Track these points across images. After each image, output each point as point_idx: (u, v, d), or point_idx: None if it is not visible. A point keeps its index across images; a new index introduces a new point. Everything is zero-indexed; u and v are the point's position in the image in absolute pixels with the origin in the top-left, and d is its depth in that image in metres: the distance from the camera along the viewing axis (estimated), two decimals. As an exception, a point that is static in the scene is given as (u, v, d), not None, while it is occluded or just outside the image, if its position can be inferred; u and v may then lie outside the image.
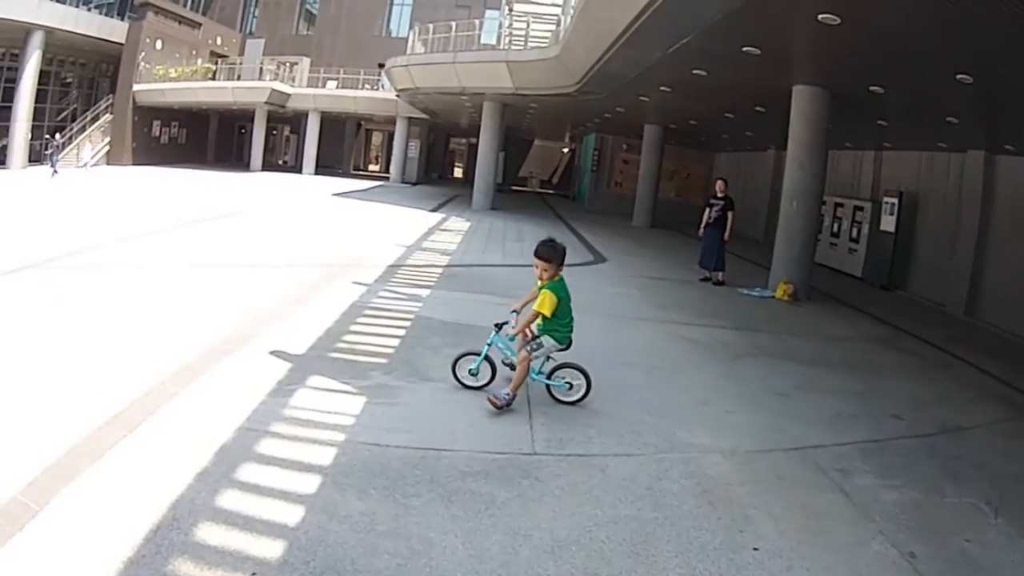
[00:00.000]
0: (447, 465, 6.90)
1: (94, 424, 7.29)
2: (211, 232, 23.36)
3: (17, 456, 6.57)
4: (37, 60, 55.14)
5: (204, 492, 6.12)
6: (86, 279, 15.06)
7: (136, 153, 61.11)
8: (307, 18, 77.08)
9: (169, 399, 8.09)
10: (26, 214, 27.52)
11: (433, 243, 23.40)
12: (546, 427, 7.95)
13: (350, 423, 7.76)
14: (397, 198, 42.28)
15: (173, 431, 7.30)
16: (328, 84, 62.86)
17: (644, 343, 12.33)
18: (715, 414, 8.81)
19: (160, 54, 62.41)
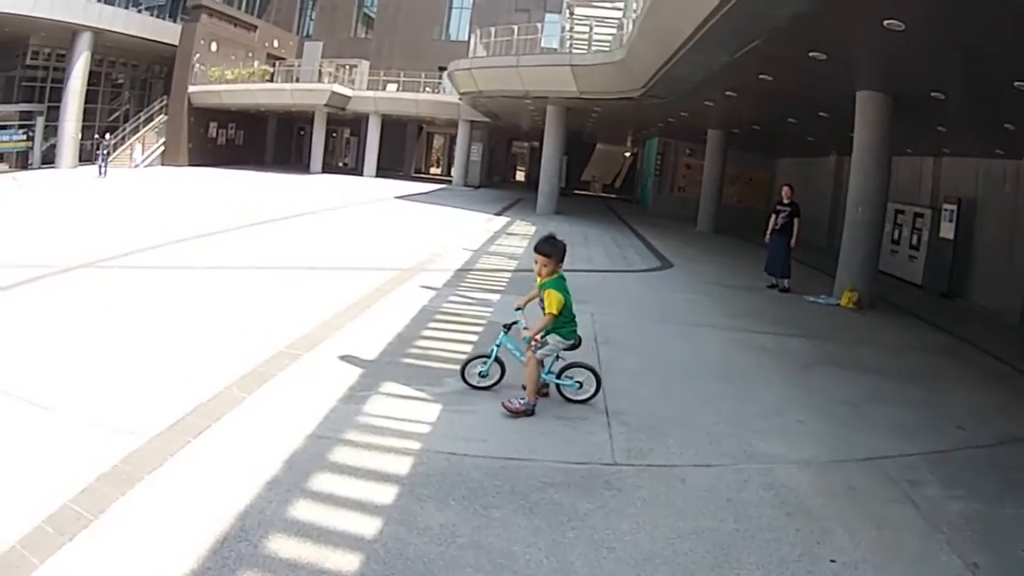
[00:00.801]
0: (527, 475, 6.82)
1: (156, 429, 7.30)
2: (276, 234, 23.65)
3: (72, 461, 6.54)
4: (85, 61, 55.74)
5: (274, 502, 6.08)
6: (145, 280, 15.30)
7: (192, 154, 61.86)
8: (365, 21, 77.31)
9: (236, 404, 8.12)
10: (81, 213, 27.85)
11: (500, 247, 23.52)
12: (625, 436, 7.86)
13: (426, 431, 7.70)
14: (460, 201, 42.24)
15: (240, 437, 7.32)
16: (388, 87, 62.67)
17: (717, 351, 12.29)
18: (789, 424, 8.77)
19: (215, 56, 62.96)
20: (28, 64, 58.27)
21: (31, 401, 7.87)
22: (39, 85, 59.00)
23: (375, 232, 25.82)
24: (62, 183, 42.87)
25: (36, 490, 6.02)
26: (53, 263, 16.27)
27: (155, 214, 28.12)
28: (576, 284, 16.66)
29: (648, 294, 17.31)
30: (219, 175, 53.12)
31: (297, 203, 35.02)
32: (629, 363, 10.82)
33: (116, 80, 67.20)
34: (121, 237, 20.94)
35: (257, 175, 55.64)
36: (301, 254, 19.83)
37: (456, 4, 72.28)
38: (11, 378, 8.52)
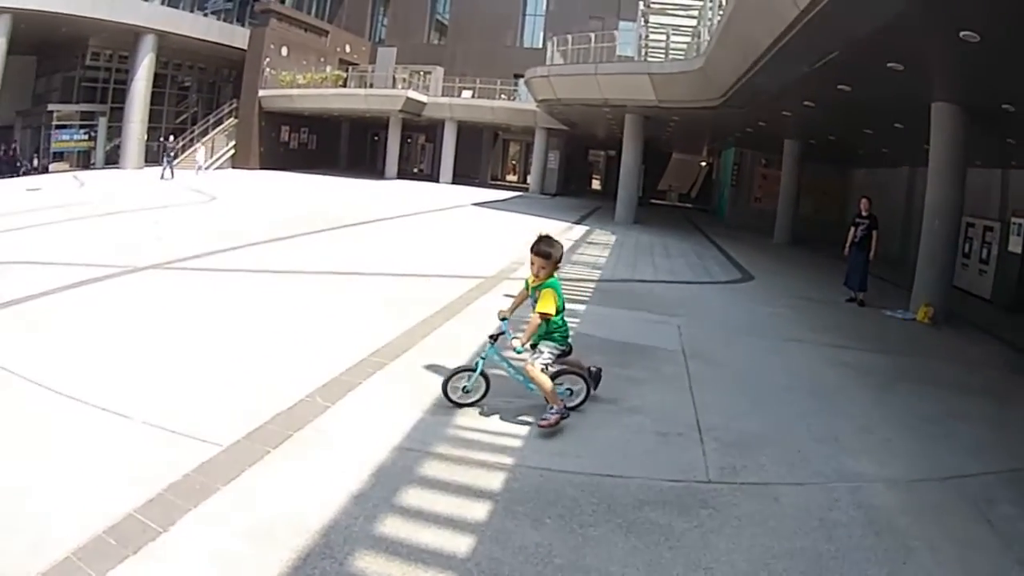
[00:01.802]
0: (623, 493, 6.73)
1: (233, 438, 7.34)
2: (355, 239, 23.84)
3: (141, 469, 6.55)
4: (150, 63, 56.77)
5: (361, 518, 6.01)
6: (222, 283, 15.48)
7: (263, 157, 62.80)
8: (438, 28, 77.69)
9: (318, 414, 8.13)
10: (153, 214, 28.01)
11: (582, 256, 23.49)
12: (719, 453, 7.83)
13: (518, 445, 7.65)
14: (538, 209, 42.33)
15: (323, 448, 7.29)
16: (463, 93, 62.84)
17: (802, 366, 12.32)
18: (876, 441, 8.75)
19: (286, 60, 63.65)
20: (88, 65, 59.22)
21: (101, 406, 7.97)
22: (101, 86, 60.39)
23: (455, 238, 25.98)
24: (128, 183, 43.33)
25: (100, 498, 6.05)
26: (124, 263, 16.65)
27: (227, 216, 28.59)
28: (661, 296, 16.97)
29: (732, 307, 17.34)
30: (293, 179, 53.90)
31: (374, 208, 35.34)
32: (718, 377, 10.85)
33: (183, 83, 68.91)
34: (193, 239, 21.46)
35: (331, 179, 56.09)
36: (382, 260, 19.86)
37: (529, 11, 72.58)
38: (85, 383, 8.65)
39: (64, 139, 58.39)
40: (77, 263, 16.72)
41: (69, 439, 7.18)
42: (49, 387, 8.52)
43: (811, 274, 25.26)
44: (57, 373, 9.01)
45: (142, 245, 19.48)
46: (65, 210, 28.42)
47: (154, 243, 20.22)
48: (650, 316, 14.83)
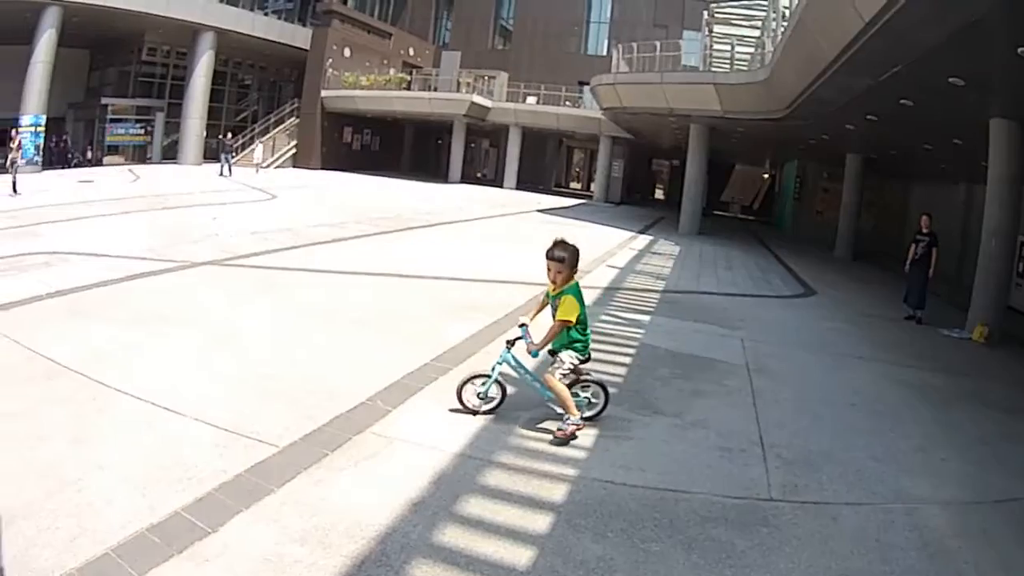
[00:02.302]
0: (686, 509, 6.74)
1: (290, 439, 7.44)
2: (421, 240, 24.17)
3: (193, 467, 6.67)
4: (209, 60, 57.24)
5: (420, 526, 6.01)
6: (284, 281, 15.85)
7: (326, 158, 63.32)
8: (502, 33, 77.79)
9: (379, 417, 8.21)
10: (212, 210, 28.83)
11: (646, 266, 23.59)
12: (781, 471, 7.84)
13: (582, 456, 7.64)
14: (602, 217, 42.17)
15: (382, 453, 7.32)
16: (528, 99, 62.76)
17: (863, 383, 12.23)
18: (932, 462, 8.71)
19: (349, 62, 64.06)
20: (145, 60, 59.81)
21: (153, 402, 8.18)
22: (158, 81, 61.12)
23: (519, 244, 25.95)
24: (186, 179, 44.18)
25: (146, 495, 6.16)
26: (182, 258, 17.25)
27: (288, 215, 29.32)
28: (725, 308, 17.10)
29: (794, 321, 17.33)
30: (355, 180, 54.16)
31: (438, 211, 35.69)
32: (782, 393, 10.87)
33: (243, 81, 69.60)
34: (252, 236, 21.93)
35: (394, 181, 56.38)
36: (445, 263, 20.04)
37: (594, 18, 72.27)
38: (137, 378, 8.90)
39: (119, 133, 59.27)
40: (132, 256, 17.35)
41: (119, 433, 7.36)
42: (101, 380, 8.78)
43: (871, 290, 25.12)
44: (109, 367, 9.29)
45: (200, 241, 20.04)
46: (120, 203, 29.09)
47: (212, 239, 20.87)
48: (714, 329, 14.90)
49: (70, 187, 36.00)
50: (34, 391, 8.40)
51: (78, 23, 49.17)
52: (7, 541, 5.39)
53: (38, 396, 8.24)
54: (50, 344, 10.18)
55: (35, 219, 23.74)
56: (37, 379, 8.82)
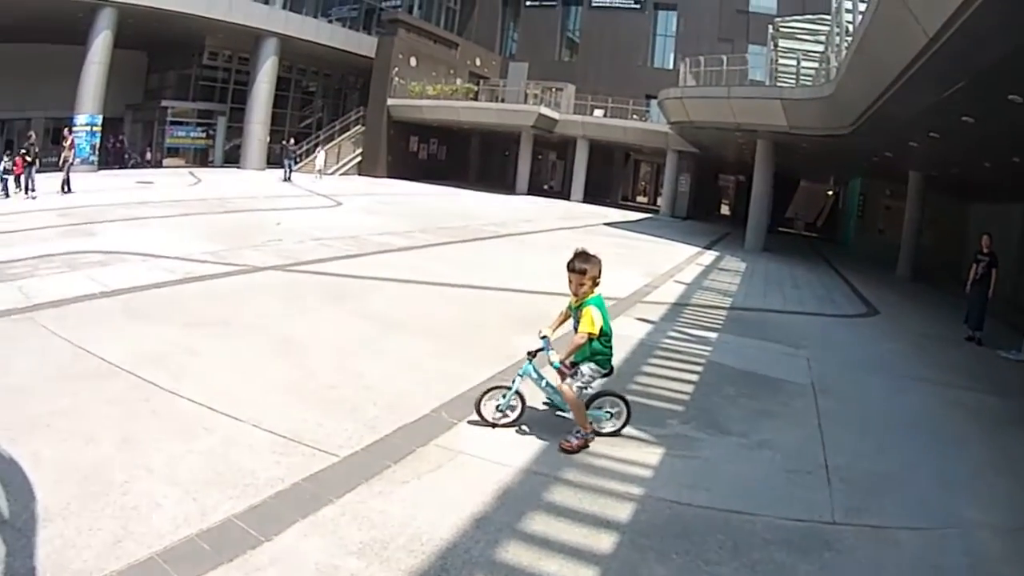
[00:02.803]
0: (750, 531, 6.66)
1: (352, 449, 7.46)
2: (487, 251, 24.28)
3: (249, 474, 6.67)
4: (272, 66, 57.31)
5: (482, 542, 5.95)
6: (347, 288, 15.85)
7: (391, 166, 63.23)
8: (569, 45, 77.53)
9: (444, 429, 8.19)
10: (282, 215, 28.92)
11: (713, 282, 23.54)
12: (844, 494, 7.72)
13: (648, 475, 7.56)
14: (669, 232, 41.98)
15: (446, 466, 7.28)
16: (595, 112, 62.36)
17: (923, 405, 12.17)
18: (987, 486, 8.65)
19: (415, 71, 63.93)
20: (206, 64, 60.31)
21: (210, 406, 8.23)
22: (220, 85, 61.50)
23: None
24: (248, 183, 45.14)
25: (199, 499, 6.18)
26: (244, 262, 17.52)
27: (352, 222, 29.32)
28: (790, 327, 17.16)
29: (858, 342, 17.29)
30: (420, 189, 54.29)
31: (505, 222, 35.82)
32: (845, 415, 10.76)
33: (307, 87, 69.74)
34: (316, 242, 21.96)
35: (460, 191, 56.35)
36: (512, 275, 19.89)
37: (660, 31, 71.90)
38: (196, 382, 8.96)
39: (179, 135, 59.72)
40: (192, 259, 17.58)
41: (172, 436, 7.40)
42: (154, 382, 8.86)
43: (932, 310, 25.02)
44: (164, 369, 9.37)
45: (263, 246, 20.24)
46: (180, 205, 29.52)
47: (276, 244, 21.02)
48: (780, 347, 14.87)
49: (128, 188, 36.32)
50: (83, 390, 8.49)
51: (134, 25, 49.60)
52: (42, 540, 5.43)
53: (87, 395, 8.34)
54: (102, 343, 10.28)
55: (91, 218, 24.07)
56: (87, 378, 8.92)
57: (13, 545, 5.33)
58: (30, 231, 21.14)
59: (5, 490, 6.12)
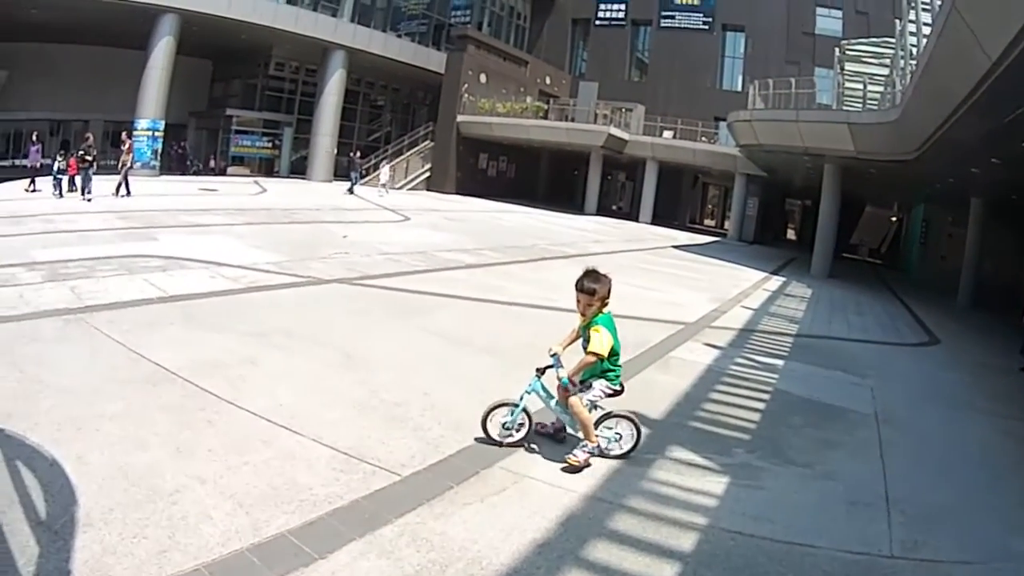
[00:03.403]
0: (811, 563, 6.57)
1: (414, 468, 7.38)
2: (554, 271, 24.38)
3: (306, 489, 6.61)
4: (340, 78, 57.84)
5: (543, 568, 5.86)
6: (412, 304, 15.88)
7: (460, 182, 63.21)
8: (638, 66, 77.53)
9: (508, 452, 8.08)
10: (348, 228, 29.15)
11: (780, 308, 23.47)
12: (903, 526, 7.60)
13: (713, 505, 7.44)
14: (736, 256, 41.91)
15: (510, 490, 7.18)
16: (664, 133, 62.30)
17: (981, 437, 12.07)
18: None
19: (485, 88, 63.98)
20: (272, 74, 61.16)
21: (269, 418, 8.23)
22: (286, 96, 62.57)
23: (658, 280, 25.85)
24: (313, 194, 45.48)
25: (252, 512, 6.12)
26: (308, 274, 17.55)
27: (420, 237, 29.43)
28: (855, 355, 17.19)
29: (919, 371, 17.17)
30: (489, 206, 54.10)
31: (574, 241, 36.09)
32: (906, 446, 10.68)
33: (375, 101, 70.67)
34: (383, 257, 22.08)
35: (529, 210, 56.09)
36: None
37: (728, 53, 71.86)
38: (255, 392, 8.98)
39: (245, 144, 60.83)
40: (256, 268, 17.80)
41: (227, 447, 7.39)
42: (212, 391, 8.89)
43: (992, 339, 24.99)
44: (223, 378, 9.41)
45: (329, 258, 20.62)
46: (245, 214, 29.96)
47: (342, 257, 21.09)
48: (845, 376, 14.71)
49: (191, 194, 36.66)
50: (136, 395, 8.53)
51: (198, 33, 50.17)
52: (80, 545, 5.38)
53: (140, 401, 8.36)
54: (158, 349, 10.33)
55: (151, 222, 24.46)
56: (141, 383, 8.95)
57: (47, 548, 5.34)
58: (87, 232, 21.28)
59: (44, 491, 6.13)
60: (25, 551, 5.24)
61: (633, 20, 77.43)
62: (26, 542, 5.36)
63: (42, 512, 5.77)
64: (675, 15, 74.10)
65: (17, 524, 5.57)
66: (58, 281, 14.24)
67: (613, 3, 78.17)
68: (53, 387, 8.48)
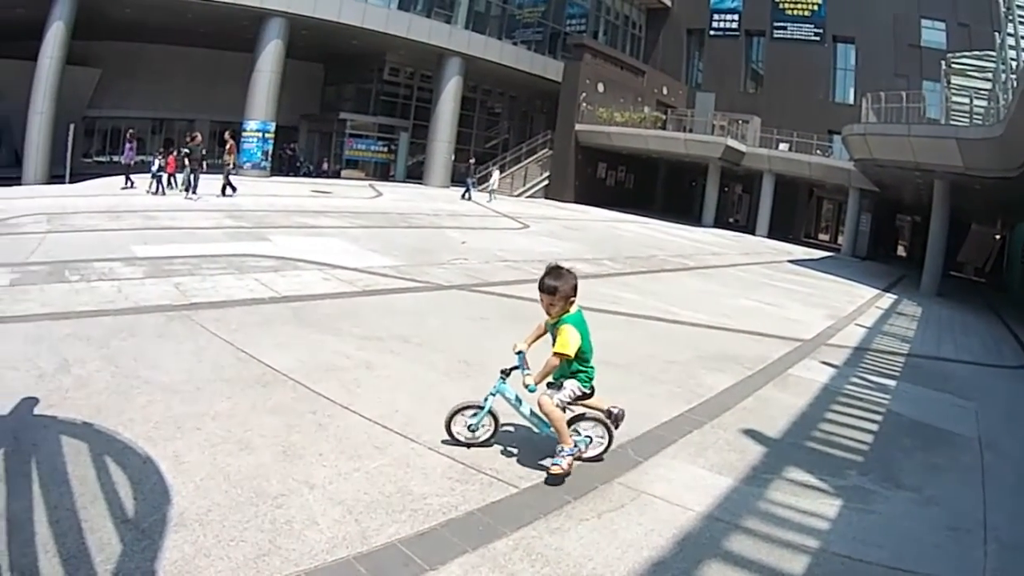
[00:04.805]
0: None
1: (529, 481, 7.36)
2: (672, 283, 24.75)
3: (417, 499, 6.58)
4: (456, 85, 58.61)
5: None
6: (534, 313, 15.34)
7: (578, 191, 63.12)
8: (753, 77, 76.96)
9: (628, 468, 8.05)
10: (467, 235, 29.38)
11: (892, 327, 23.21)
12: (995, 555, 7.40)
13: (825, 527, 7.31)
14: (849, 272, 41.76)
15: (628, 506, 7.10)
16: (780, 146, 61.86)
17: None
18: None
19: (602, 97, 63.78)
20: (387, 80, 61.95)
21: (383, 424, 8.29)
22: (401, 102, 63.33)
23: (775, 295, 25.82)
24: (429, 199, 46.07)
25: (361, 520, 6.08)
26: (426, 279, 17.82)
27: (540, 245, 29.70)
28: (963, 377, 17.04)
29: (1021, 394, 16.93)
30: (608, 216, 54.21)
31: (692, 254, 35.98)
32: (1007, 472, 10.45)
33: (492, 108, 71.25)
34: (503, 264, 22.42)
35: (647, 220, 55.75)
36: (703, 309, 19.78)
37: (840, 65, 70.81)
38: (370, 397, 9.05)
39: (359, 148, 61.77)
40: (372, 271, 18.06)
41: (339, 452, 7.41)
42: (324, 394, 8.97)
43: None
44: (336, 382, 9.50)
45: (447, 264, 20.90)
46: (360, 217, 31.02)
47: (461, 263, 21.37)
48: (952, 399, 14.40)
49: (303, 195, 37.41)
50: (243, 396, 8.62)
51: (308, 36, 50.97)
52: (170, 545, 5.38)
53: (247, 402, 8.44)
54: (268, 349, 10.49)
55: (262, 223, 25.10)
56: (248, 383, 9.05)
57: (131, 546, 5.31)
58: (193, 230, 22.01)
59: (133, 489, 6.12)
60: (104, 548, 5.27)
61: (747, 31, 76.96)
62: (107, 540, 5.39)
63: (129, 510, 5.82)
64: (787, 26, 73.50)
65: (98, 520, 5.61)
66: (160, 277, 14.63)
67: (727, 13, 77.82)
68: (151, 383, 8.68)
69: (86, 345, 9.92)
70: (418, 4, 57.36)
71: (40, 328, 10.57)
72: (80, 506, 5.74)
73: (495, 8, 64.96)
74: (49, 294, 12.66)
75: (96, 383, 8.48)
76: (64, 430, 7.15)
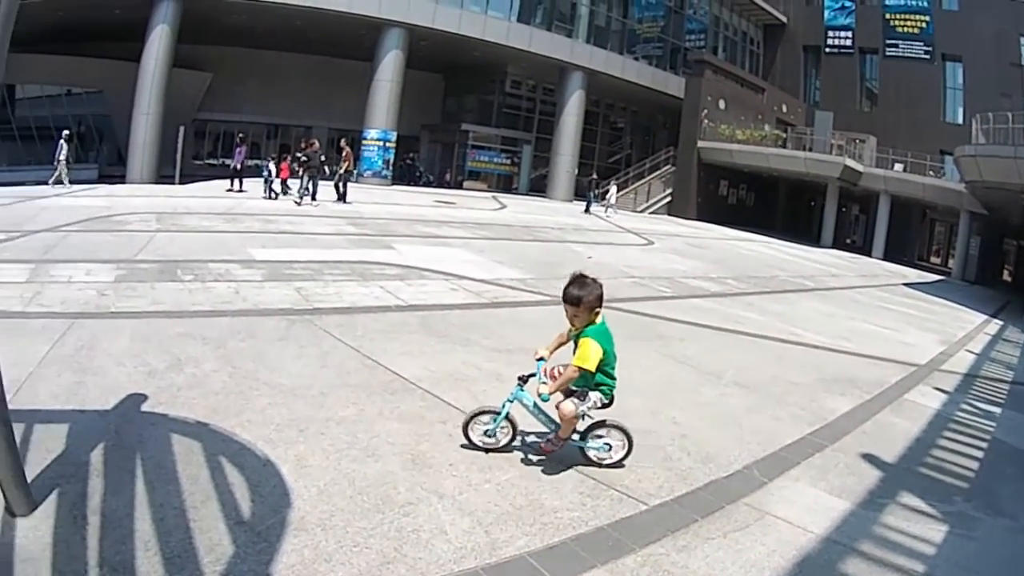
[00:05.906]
0: None
1: (659, 499, 7.35)
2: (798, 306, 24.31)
3: (547, 512, 6.60)
4: (579, 99, 59.20)
5: None
6: (661, 331, 15.83)
7: (700, 208, 63.02)
8: (868, 95, 75.95)
9: (753, 489, 8.00)
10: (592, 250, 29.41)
11: (999, 354, 22.44)
12: None
13: (931, 553, 7.24)
14: (959, 297, 39.85)
15: (751, 527, 7.08)
16: (895, 166, 60.90)
17: None
18: None
19: (723, 114, 63.75)
20: (509, 92, 62.58)
21: None
22: (524, 114, 63.79)
23: (892, 319, 25.36)
24: (552, 213, 46.29)
25: (488, 532, 6.09)
26: (550, 292, 17.22)
27: (664, 262, 29.45)
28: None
29: None
30: (729, 234, 53.55)
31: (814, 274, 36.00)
32: None
33: (615, 123, 71.85)
34: (628, 280, 22.40)
35: (768, 239, 55.41)
36: (823, 332, 19.38)
37: (949, 84, 69.57)
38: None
39: (482, 160, 62.85)
40: (499, 283, 18.19)
41: (472, 463, 7.44)
42: (454, 404, 9.02)
43: None
44: (466, 392, 9.56)
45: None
46: (484, 228, 30.95)
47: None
48: None
49: (426, 205, 38.67)
50: (370, 402, 8.65)
51: (428, 47, 51.86)
52: (288, 549, 5.40)
53: (375, 408, 8.47)
54: (396, 357, 10.53)
55: (386, 231, 25.39)
56: (376, 390, 9.06)
57: (245, 548, 5.34)
58: (314, 235, 22.41)
59: (251, 491, 6.16)
60: (214, 549, 5.29)
61: (860, 48, 76.29)
62: (217, 540, 5.41)
63: (245, 512, 5.85)
64: (898, 43, 72.69)
65: (209, 521, 5.65)
66: (281, 281, 14.87)
67: (840, 30, 77.32)
68: (272, 386, 8.78)
69: (201, 345, 10.16)
70: (537, 17, 58.35)
71: (150, 325, 10.84)
72: (190, 505, 5.84)
73: (615, 23, 65.58)
74: (160, 292, 12.98)
75: (212, 383, 8.67)
76: (175, 428, 7.30)
